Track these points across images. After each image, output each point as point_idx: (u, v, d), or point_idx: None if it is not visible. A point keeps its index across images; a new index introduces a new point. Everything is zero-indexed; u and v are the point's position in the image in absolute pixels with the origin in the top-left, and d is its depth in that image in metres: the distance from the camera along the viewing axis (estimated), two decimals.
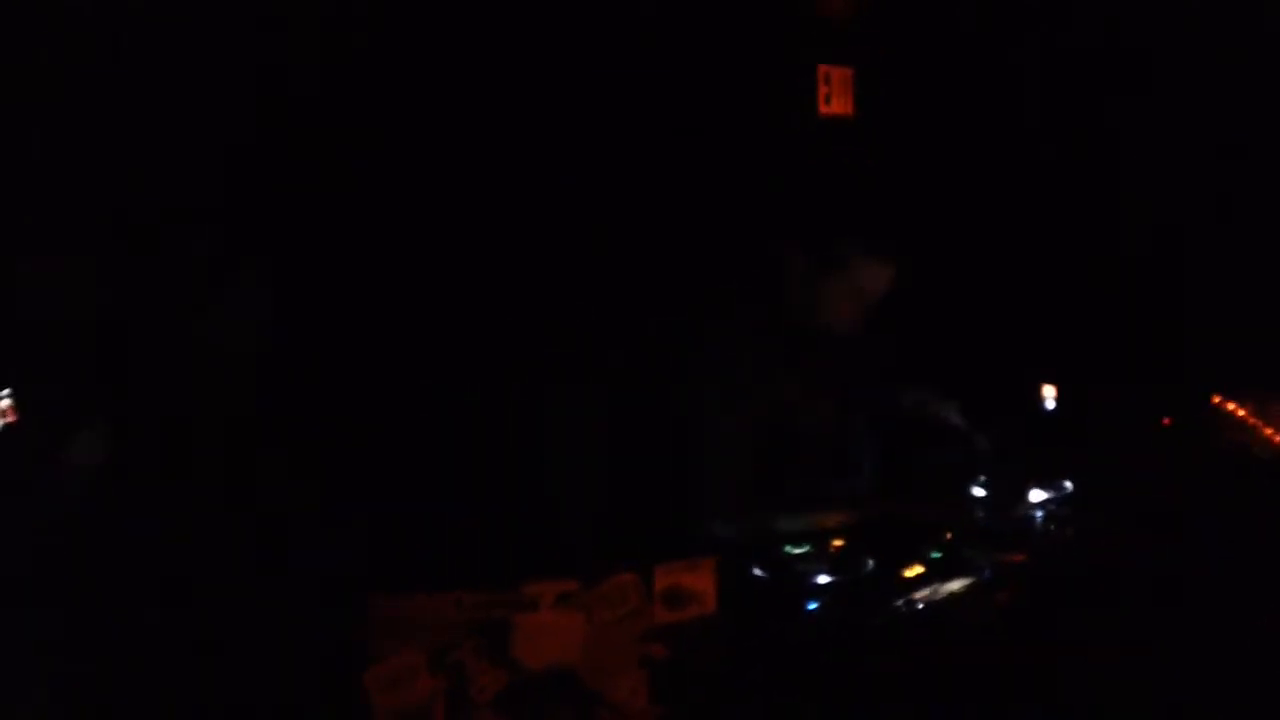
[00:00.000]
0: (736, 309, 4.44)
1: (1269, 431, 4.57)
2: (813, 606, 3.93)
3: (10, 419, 3.32)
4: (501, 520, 3.61)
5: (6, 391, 3.32)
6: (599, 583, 3.42)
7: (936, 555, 4.20)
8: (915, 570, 4.11)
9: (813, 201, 4.97)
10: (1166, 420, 4.66)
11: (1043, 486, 4.57)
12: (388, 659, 3.13)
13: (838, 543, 4.24)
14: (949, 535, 4.32)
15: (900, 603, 3.93)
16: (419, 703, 3.15)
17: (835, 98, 5.64)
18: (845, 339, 4.61)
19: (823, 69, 5.60)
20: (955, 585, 4.02)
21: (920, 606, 3.90)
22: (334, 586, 3.26)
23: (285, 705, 3.12)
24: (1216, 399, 4.80)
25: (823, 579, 4.02)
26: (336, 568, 3.29)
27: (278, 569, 3.23)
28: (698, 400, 4.19)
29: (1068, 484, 4.57)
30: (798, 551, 4.19)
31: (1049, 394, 5.01)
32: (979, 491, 4.63)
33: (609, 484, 3.88)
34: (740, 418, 4.24)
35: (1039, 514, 4.47)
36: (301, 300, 3.63)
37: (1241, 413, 4.67)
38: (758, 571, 4.03)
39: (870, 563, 4.10)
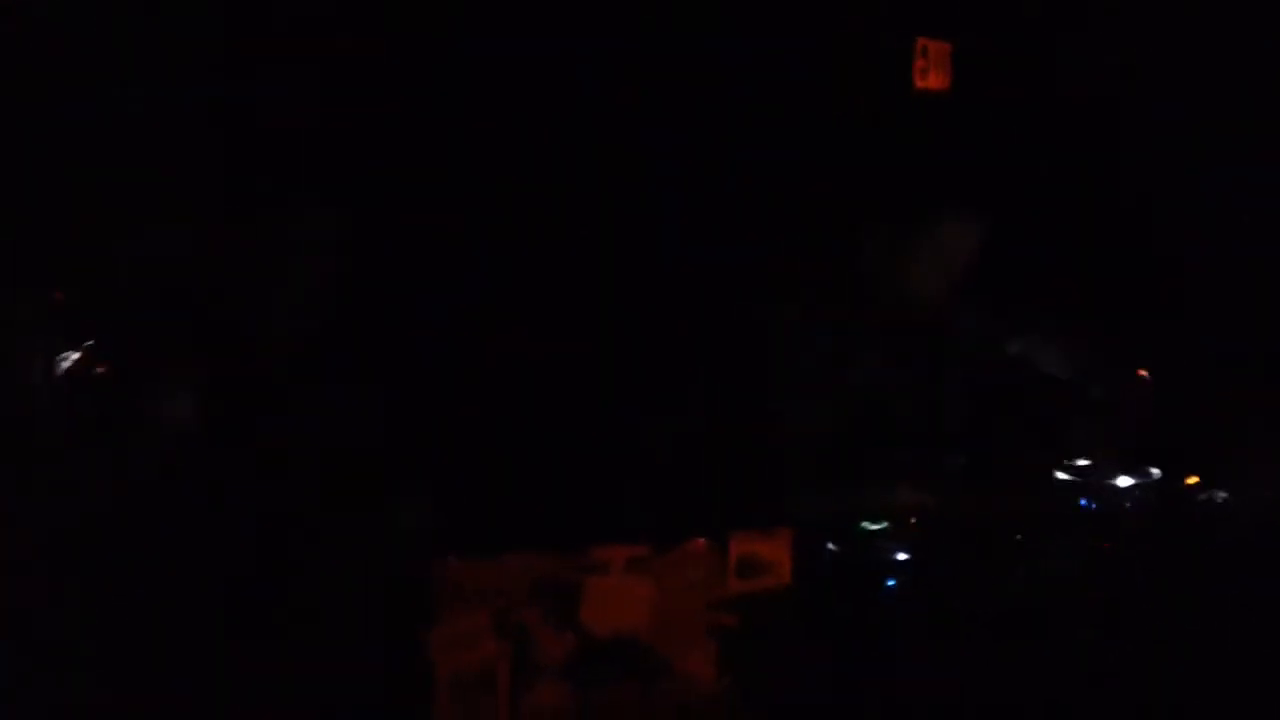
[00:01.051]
0: (826, 282, 4.36)
1: None
2: (891, 584, 3.85)
3: (100, 370, 3.35)
4: (573, 481, 3.56)
5: (89, 343, 3.35)
6: (671, 549, 3.38)
7: (1018, 538, 4.10)
8: (996, 555, 4.01)
9: (902, 175, 4.87)
10: None
11: (1131, 473, 4.44)
12: (451, 620, 3.11)
13: (915, 520, 4.15)
14: (1032, 522, 4.21)
15: (974, 584, 3.83)
16: (482, 665, 3.12)
17: (932, 71, 5.52)
18: (938, 317, 4.51)
19: (920, 42, 5.49)
20: (1039, 571, 3.92)
21: (1003, 594, 3.81)
22: (401, 547, 3.25)
23: (351, 662, 3.11)
24: None
25: (900, 556, 3.94)
26: (404, 528, 3.27)
27: (346, 530, 3.22)
28: (783, 371, 4.12)
29: (1155, 471, 4.42)
30: (874, 528, 4.10)
31: (1142, 382, 4.85)
32: (1065, 477, 4.51)
33: (687, 448, 3.82)
34: (825, 390, 4.15)
35: (1128, 501, 4.34)
36: (372, 274, 3.61)
37: None
38: (831, 546, 3.96)
39: (944, 545, 4.01)
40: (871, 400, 4.34)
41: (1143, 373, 4.78)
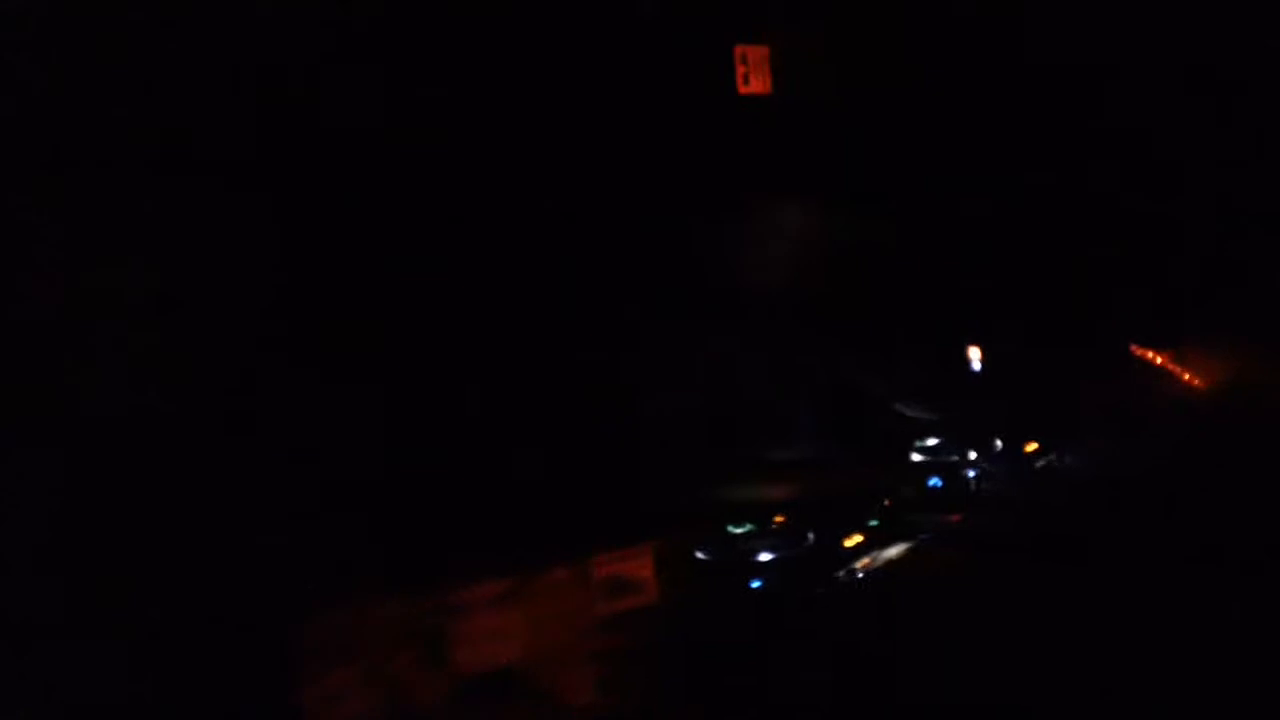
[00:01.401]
0: (663, 285, 4.42)
1: (1186, 375, 4.63)
2: (757, 584, 3.93)
3: None
4: (432, 524, 3.57)
5: None
6: (535, 579, 3.41)
7: (875, 523, 4.22)
8: (855, 539, 4.12)
9: (734, 175, 4.96)
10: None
11: (975, 446, 4.60)
12: (323, 676, 3.09)
13: (779, 519, 4.25)
14: (888, 502, 4.34)
15: (842, 573, 3.94)
16: (360, 715, 3.12)
17: (753, 77, 5.64)
18: (775, 309, 4.61)
19: (739, 49, 5.59)
20: (894, 551, 4.05)
21: (861, 575, 3.92)
22: (265, 606, 3.21)
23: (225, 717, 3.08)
24: (1135, 348, 4.85)
25: (765, 556, 4.02)
26: (267, 582, 3.23)
27: (208, 583, 3.17)
28: (630, 377, 4.17)
29: (998, 442, 4.60)
30: (740, 530, 4.19)
31: (975, 354, 5.03)
32: (916, 456, 4.65)
33: (543, 470, 3.84)
34: (674, 391, 4.22)
35: (973, 474, 4.50)
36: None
37: (1159, 359, 4.73)
38: (700, 554, 4.03)
39: (811, 536, 4.11)
40: (719, 401, 4.42)
41: (974, 348, 4.96)
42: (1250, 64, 4.78)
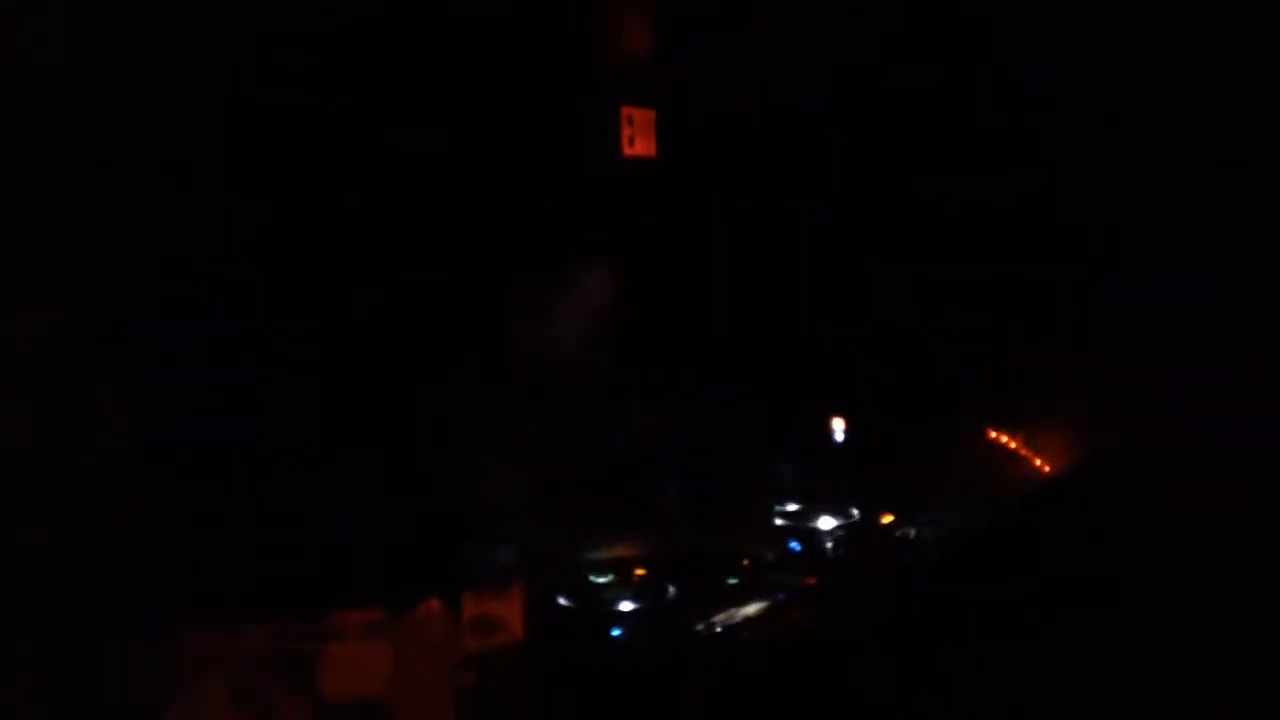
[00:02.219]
0: (514, 346, 4.52)
1: (1037, 461, 4.89)
2: (617, 633, 4.02)
3: None
4: (304, 550, 3.59)
5: None
6: (406, 612, 3.44)
7: (734, 581, 4.36)
8: (715, 596, 4.24)
9: (606, 238, 5.07)
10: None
11: (833, 514, 4.78)
12: (188, 689, 3.08)
13: (640, 571, 4.36)
14: (747, 562, 4.49)
15: (700, 626, 4.06)
16: None
17: (639, 139, 5.78)
18: (637, 374, 4.74)
19: (625, 110, 5.73)
20: (752, 608, 4.18)
21: (719, 629, 4.04)
22: (133, 617, 3.19)
23: None
24: (991, 433, 5.10)
25: (626, 606, 4.12)
26: (137, 597, 3.21)
27: (77, 598, 3.14)
28: (481, 434, 4.26)
29: (855, 511, 4.79)
30: (602, 580, 4.28)
31: (838, 427, 5.23)
32: (778, 520, 4.81)
33: (402, 517, 3.90)
34: (529, 451, 4.32)
35: (830, 540, 4.67)
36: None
37: (1013, 444, 4.98)
38: (563, 601, 4.11)
39: (672, 590, 4.22)
40: (590, 456, 4.53)
41: (837, 420, 5.16)
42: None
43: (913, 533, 4.72)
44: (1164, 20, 4.84)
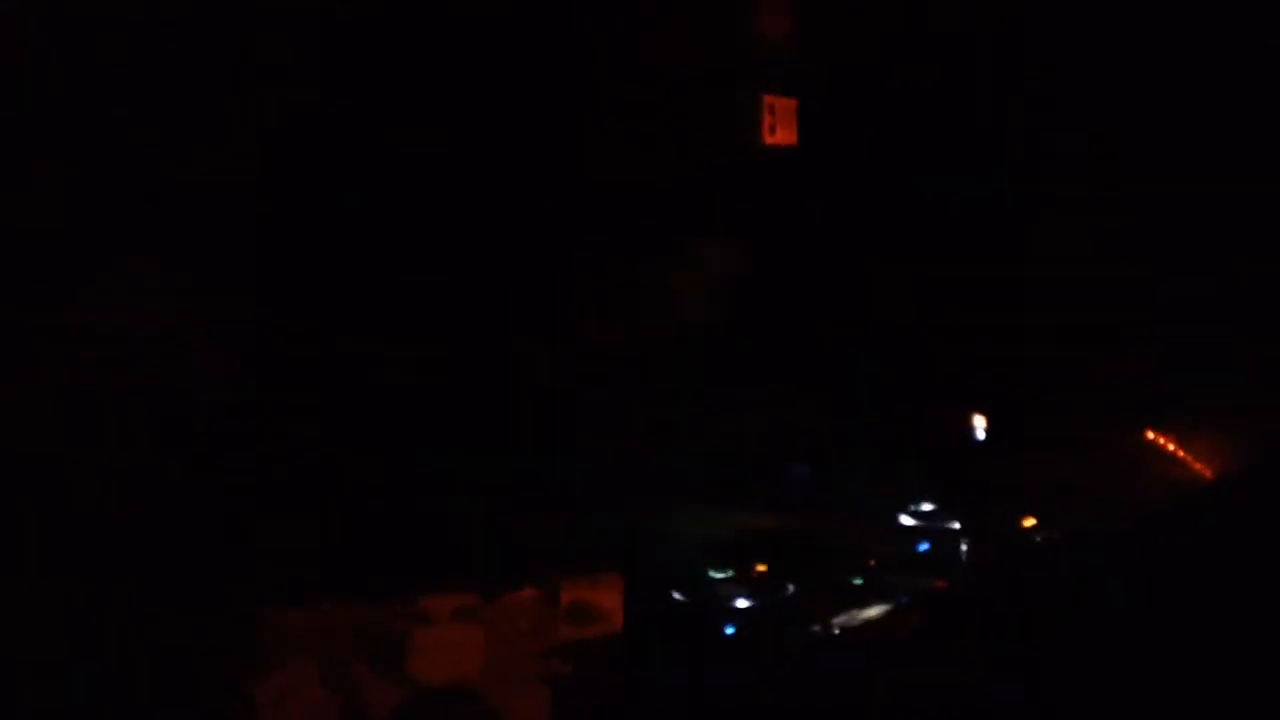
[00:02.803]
0: (654, 327, 4.39)
1: (1196, 465, 4.56)
2: (729, 631, 3.86)
3: None
4: (401, 531, 3.52)
5: None
6: (500, 597, 3.33)
7: (858, 581, 4.16)
8: (836, 596, 4.05)
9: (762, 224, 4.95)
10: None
11: (969, 515, 4.54)
12: (277, 672, 3.03)
13: (761, 568, 4.19)
14: (872, 561, 4.28)
15: (817, 628, 3.87)
16: (310, 718, 3.04)
17: (780, 127, 5.64)
18: (774, 366, 4.58)
19: (767, 99, 5.61)
20: (873, 611, 3.97)
21: (835, 631, 3.84)
22: (224, 596, 3.16)
23: (175, 713, 3.01)
24: (1149, 434, 4.79)
25: (741, 603, 3.95)
26: (227, 577, 3.18)
27: (167, 577, 3.13)
28: (608, 412, 4.13)
29: (993, 513, 4.53)
30: (720, 575, 4.13)
31: (979, 424, 4.98)
32: (907, 520, 4.59)
33: (514, 496, 3.80)
34: (658, 434, 4.18)
35: (964, 543, 4.42)
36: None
37: (1170, 446, 4.66)
38: (676, 595, 3.97)
39: (790, 588, 4.04)
40: (714, 443, 4.38)
41: (979, 417, 4.90)
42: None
43: (1054, 537, 4.44)
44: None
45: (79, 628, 3.10)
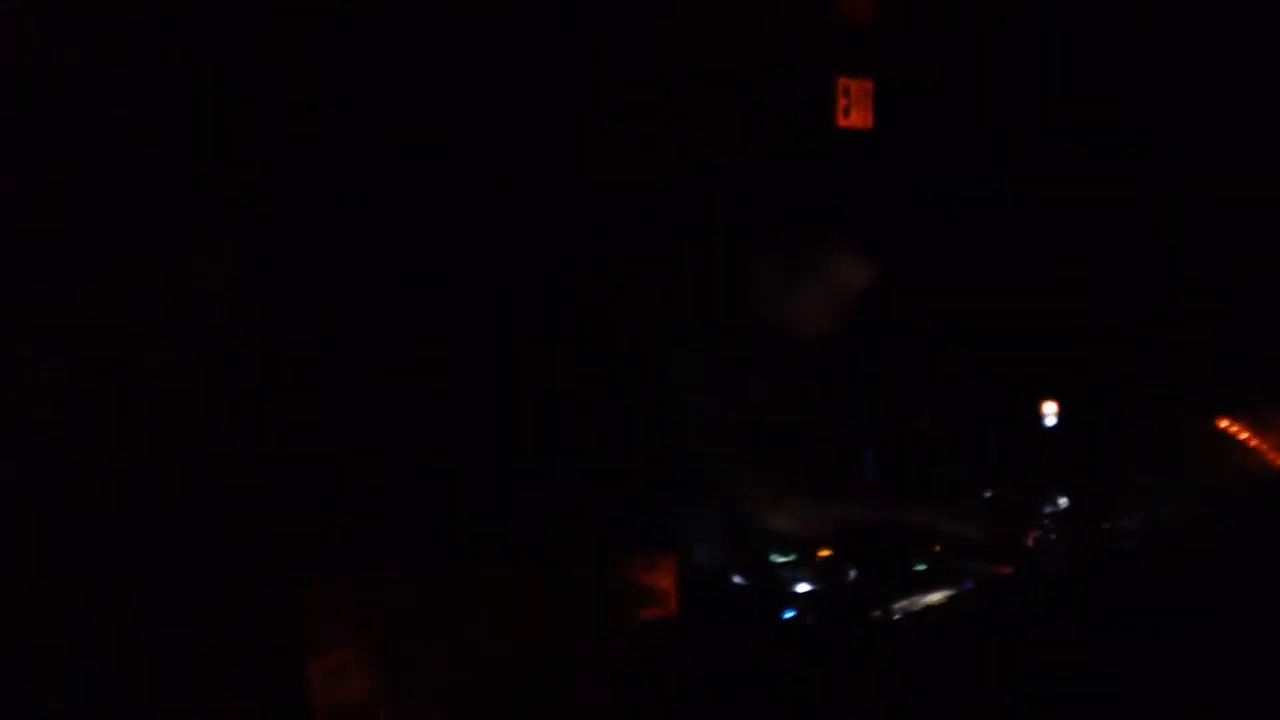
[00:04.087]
0: (721, 310, 4.36)
1: (1272, 454, 4.44)
2: (789, 615, 3.83)
3: None
4: (458, 503, 3.53)
5: None
6: (558, 575, 3.35)
7: (922, 566, 4.10)
8: (899, 580, 4.00)
9: (821, 207, 4.90)
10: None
11: (1040, 501, 4.46)
12: (331, 650, 3.05)
13: (825, 552, 4.14)
14: (937, 547, 4.21)
15: (878, 613, 3.82)
16: (362, 695, 3.07)
17: (855, 110, 5.59)
18: (841, 346, 4.54)
19: (842, 81, 5.56)
20: (936, 596, 3.91)
21: (897, 616, 3.80)
22: (275, 572, 3.19)
23: (223, 695, 3.05)
24: (1221, 421, 4.67)
25: (803, 587, 3.92)
26: (278, 552, 3.21)
27: (216, 552, 3.16)
28: (676, 390, 4.09)
29: (1063, 500, 4.44)
30: (783, 559, 4.09)
31: (1050, 410, 4.89)
32: (974, 503, 4.52)
33: (577, 471, 3.79)
34: (727, 415, 4.14)
35: (1034, 528, 4.34)
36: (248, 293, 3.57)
37: (1244, 434, 4.54)
38: (737, 579, 3.94)
39: (853, 572, 4.00)
40: (775, 429, 4.34)
41: (1049, 403, 4.82)
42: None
43: (1124, 524, 4.35)
44: None
45: (128, 605, 3.14)
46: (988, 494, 4.58)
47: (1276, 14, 4.80)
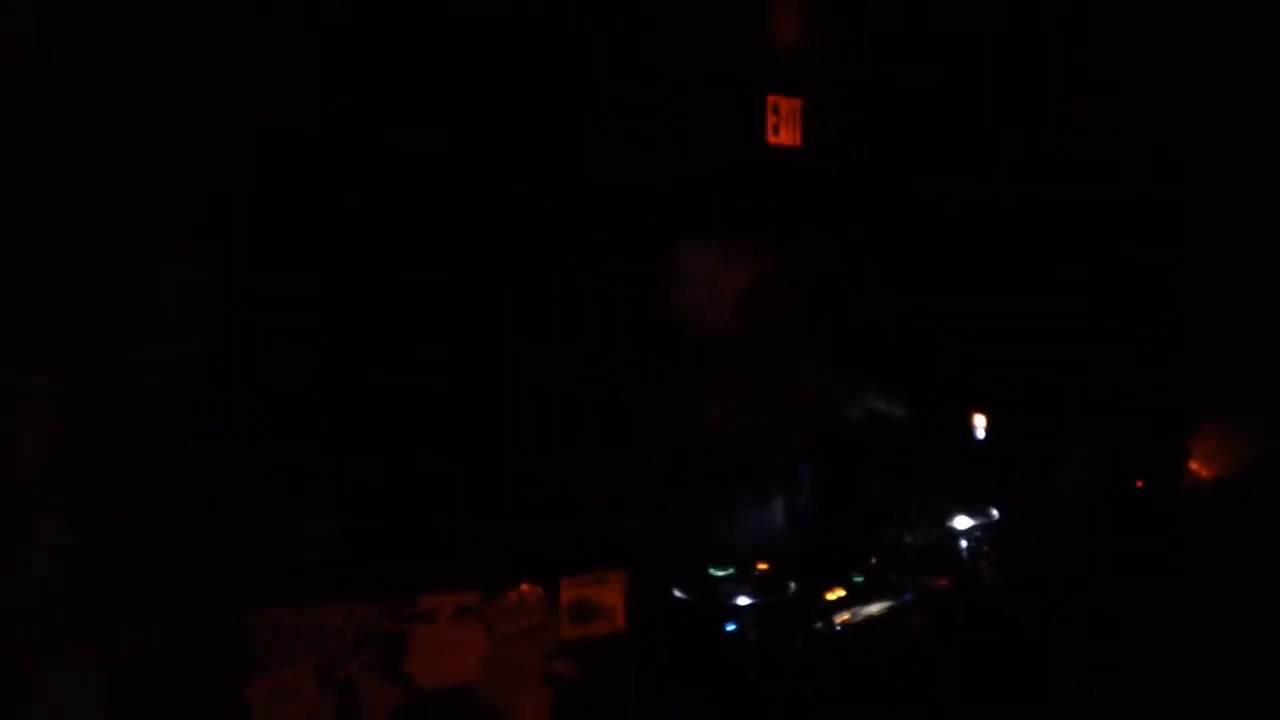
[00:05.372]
0: (658, 324, 4.38)
1: (1194, 465, 4.53)
2: (732, 628, 3.84)
3: None
4: (399, 528, 3.50)
5: None
6: (501, 595, 3.32)
7: (859, 579, 4.14)
8: (838, 593, 4.03)
9: (753, 227, 4.93)
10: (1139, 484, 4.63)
11: (971, 514, 4.52)
12: (272, 673, 3.01)
13: (762, 565, 4.17)
14: (874, 559, 4.26)
15: (820, 625, 3.85)
16: (305, 716, 3.02)
17: (784, 127, 5.62)
18: (778, 362, 4.57)
19: (771, 99, 5.59)
20: (876, 608, 3.95)
21: (838, 628, 3.83)
22: (217, 597, 3.14)
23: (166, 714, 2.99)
24: (1150, 434, 4.76)
25: (744, 601, 3.93)
26: (220, 577, 3.16)
27: (158, 578, 3.10)
28: (616, 411, 4.11)
29: (994, 512, 4.51)
30: (721, 574, 4.11)
31: (979, 423, 4.96)
32: (909, 517, 4.57)
33: (515, 493, 3.78)
34: (662, 434, 4.16)
35: (966, 541, 4.40)
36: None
37: (1175, 446, 4.63)
38: (678, 593, 3.94)
39: (793, 585, 4.02)
40: (712, 445, 4.36)
41: (979, 416, 4.88)
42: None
43: (1053, 535, 4.42)
44: None
45: (65, 627, 3.07)
46: (922, 507, 4.64)
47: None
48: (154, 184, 3.31)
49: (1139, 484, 4.57)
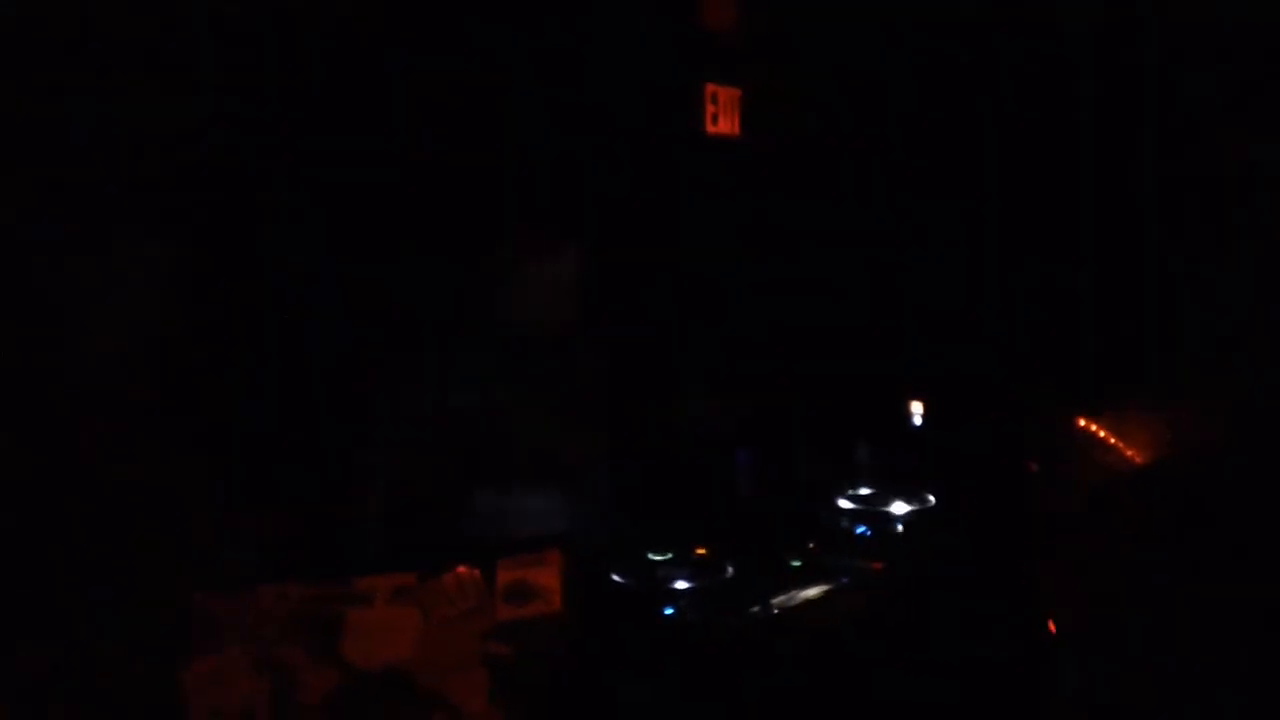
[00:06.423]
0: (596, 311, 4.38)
1: (1129, 452, 4.60)
2: (669, 611, 3.86)
3: None
4: (332, 510, 3.48)
5: None
6: (437, 577, 3.32)
7: (797, 563, 4.17)
8: (775, 577, 4.07)
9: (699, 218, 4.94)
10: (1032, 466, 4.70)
11: (906, 499, 4.57)
12: (207, 656, 2.98)
13: (700, 550, 4.19)
14: (811, 544, 4.30)
15: (757, 608, 3.88)
16: (241, 703, 3.00)
17: (722, 117, 5.64)
18: (722, 351, 4.60)
19: (710, 88, 5.59)
20: (813, 591, 3.99)
21: (775, 611, 3.86)
22: (151, 579, 3.11)
23: (100, 702, 2.96)
24: (1080, 421, 4.82)
25: (682, 584, 3.96)
26: (154, 560, 3.13)
27: (91, 563, 3.06)
28: (546, 391, 4.10)
29: (930, 497, 4.57)
30: (659, 558, 4.13)
31: (916, 410, 5.01)
32: (845, 502, 4.61)
33: (447, 474, 3.77)
34: (599, 417, 4.17)
35: (901, 525, 4.46)
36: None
37: (1102, 433, 4.69)
38: (616, 577, 3.96)
39: (730, 569, 4.05)
40: (647, 429, 4.37)
41: (916, 403, 4.94)
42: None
43: (990, 520, 4.48)
44: None
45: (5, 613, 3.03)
46: (856, 492, 4.68)
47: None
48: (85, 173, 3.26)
49: (1031, 467, 4.64)
